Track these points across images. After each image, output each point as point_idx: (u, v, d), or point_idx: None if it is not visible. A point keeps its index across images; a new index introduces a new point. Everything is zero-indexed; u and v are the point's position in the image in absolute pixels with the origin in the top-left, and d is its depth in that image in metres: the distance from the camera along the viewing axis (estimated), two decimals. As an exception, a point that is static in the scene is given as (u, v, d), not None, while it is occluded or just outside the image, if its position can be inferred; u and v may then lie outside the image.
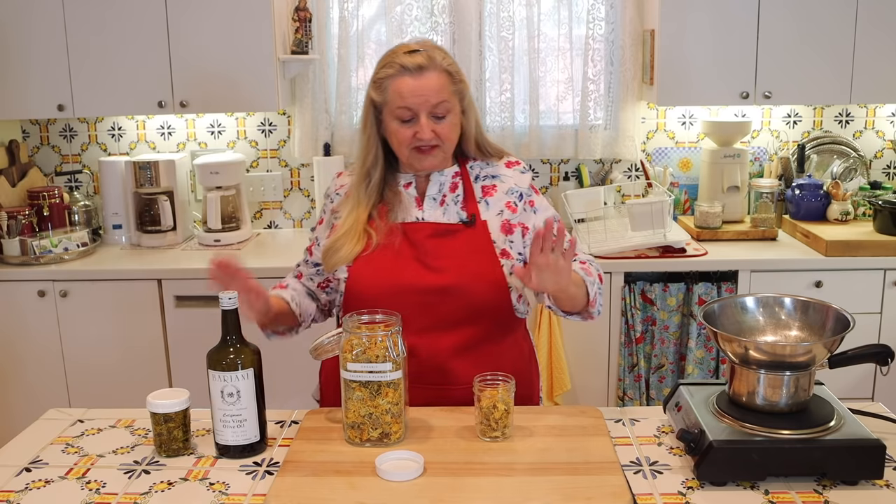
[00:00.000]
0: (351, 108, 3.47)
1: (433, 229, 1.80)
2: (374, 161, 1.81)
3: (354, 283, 1.79)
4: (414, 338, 1.74)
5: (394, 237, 1.78)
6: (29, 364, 3.09)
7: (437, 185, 1.84)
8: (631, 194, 3.31)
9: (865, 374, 3.01)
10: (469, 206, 1.82)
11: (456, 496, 1.38)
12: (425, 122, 1.73)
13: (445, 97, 1.74)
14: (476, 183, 1.85)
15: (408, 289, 1.75)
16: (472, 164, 1.87)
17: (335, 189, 1.91)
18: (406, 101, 1.72)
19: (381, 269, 1.77)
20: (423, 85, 1.72)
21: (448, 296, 1.74)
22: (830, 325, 1.55)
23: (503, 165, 1.88)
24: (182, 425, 1.58)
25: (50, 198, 3.31)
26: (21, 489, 1.48)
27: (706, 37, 3.12)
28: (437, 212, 1.82)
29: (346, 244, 1.78)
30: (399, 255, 1.78)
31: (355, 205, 1.82)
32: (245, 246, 3.34)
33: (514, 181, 1.86)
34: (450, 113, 1.76)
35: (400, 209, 1.81)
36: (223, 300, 1.54)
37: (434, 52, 1.75)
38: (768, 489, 1.42)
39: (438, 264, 1.76)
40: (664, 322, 3.09)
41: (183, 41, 3.13)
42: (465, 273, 1.75)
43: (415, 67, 1.72)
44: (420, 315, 1.75)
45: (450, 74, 1.75)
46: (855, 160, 3.48)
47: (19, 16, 3.12)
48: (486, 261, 1.77)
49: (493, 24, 3.39)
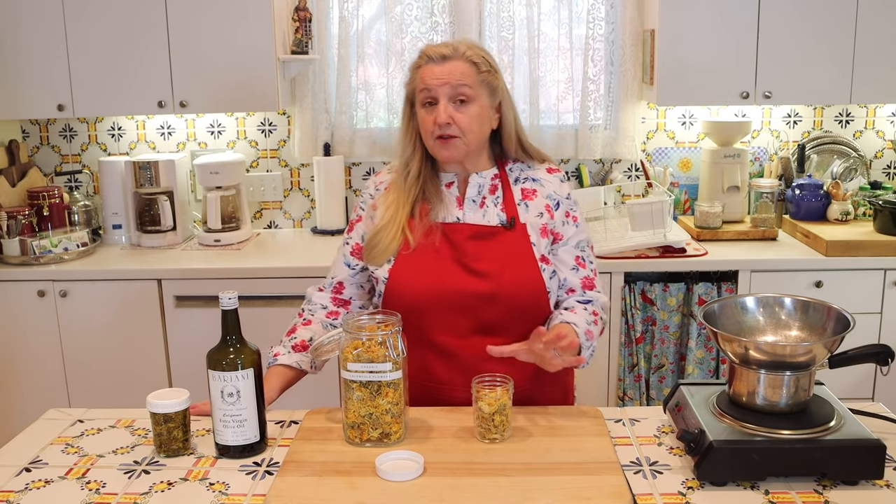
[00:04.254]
0: (351, 108, 3.48)
1: (473, 231, 1.79)
2: (412, 153, 1.82)
3: (395, 284, 1.78)
4: (455, 340, 1.75)
5: (433, 237, 1.78)
6: (29, 364, 3.09)
7: (476, 187, 1.83)
8: (631, 194, 3.31)
9: (865, 374, 3.01)
10: (508, 208, 1.81)
11: (456, 496, 1.38)
12: (443, 106, 1.74)
13: (467, 83, 1.74)
14: (515, 185, 1.85)
15: (450, 293, 1.75)
16: (510, 167, 1.87)
17: (375, 185, 1.90)
18: (427, 83, 1.74)
19: (423, 271, 1.76)
20: (444, 70, 1.74)
21: (490, 301, 1.75)
22: (830, 325, 1.55)
23: (543, 170, 1.88)
24: (182, 425, 1.58)
25: (50, 198, 3.31)
26: (21, 489, 1.48)
27: (706, 37, 3.12)
28: (477, 213, 1.81)
29: (384, 238, 1.78)
30: (439, 256, 1.77)
31: (395, 198, 1.82)
32: (245, 246, 3.33)
33: (554, 188, 1.86)
34: (472, 102, 1.75)
35: (441, 207, 1.81)
36: (223, 300, 1.54)
37: (461, 45, 1.77)
38: (768, 489, 1.42)
39: (479, 267, 1.76)
40: (664, 322, 3.09)
41: (183, 41, 3.13)
42: (506, 278, 1.75)
43: (439, 57, 1.75)
44: (461, 318, 1.76)
45: (475, 64, 1.75)
46: (855, 160, 3.48)
47: (19, 16, 3.12)
48: (526, 265, 1.77)
49: (493, 23, 3.39)
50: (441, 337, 1.77)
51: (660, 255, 3.01)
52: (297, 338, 1.83)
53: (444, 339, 1.77)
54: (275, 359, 1.81)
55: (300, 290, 2.95)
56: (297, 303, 2.89)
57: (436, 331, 1.77)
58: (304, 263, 3.07)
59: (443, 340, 1.77)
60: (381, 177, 1.92)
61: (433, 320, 1.76)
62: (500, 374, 1.60)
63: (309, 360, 1.82)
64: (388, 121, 3.51)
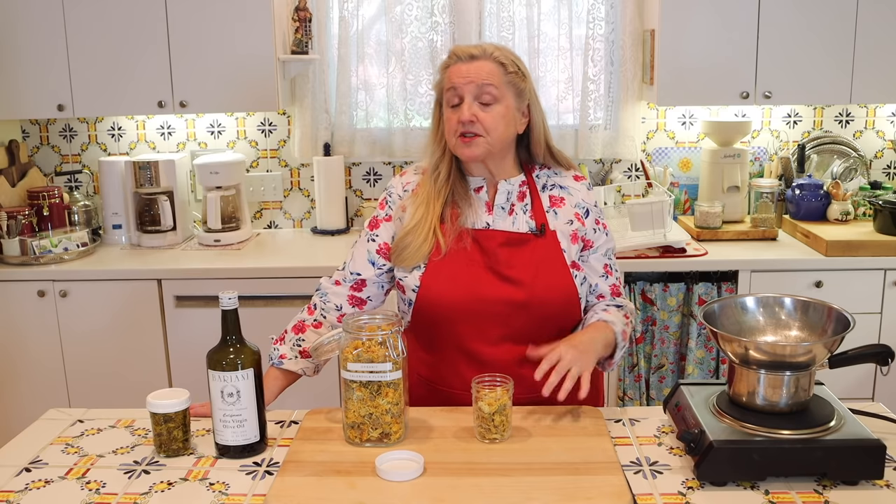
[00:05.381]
0: (351, 108, 3.48)
1: (505, 238, 1.78)
2: (441, 155, 1.81)
3: (428, 292, 1.76)
4: (489, 348, 1.75)
5: (463, 242, 1.77)
6: (29, 364, 3.09)
7: (504, 194, 1.82)
8: (631, 194, 3.31)
9: (865, 374, 3.01)
10: (538, 215, 1.81)
11: (456, 496, 1.38)
12: (468, 104, 1.73)
13: (493, 83, 1.73)
14: (543, 192, 1.84)
15: (484, 301, 1.74)
16: (538, 174, 1.86)
17: (402, 186, 1.88)
18: (453, 82, 1.74)
19: (456, 278, 1.75)
20: (470, 68, 1.73)
21: (523, 308, 1.74)
22: (830, 325, 1.55)
23: (571, 178, 1.87)
24: (182, 425, 1.58)
25: (50, 198, 3.31)
26: (21, 489, 1.48)
27: (706, 37, 3.12)
28: (507, 221, 1.80)
29: (416, 239, 1.77)
30: (471, 262, 1.76)
31: (424, 199, 1.80)
32: (245, 246, 3.33)
33: (582, 196, 1.85)
34: (497, 102, 1.74)
35: (470, 212, 1.80)
36: (223, 300, 1.54)
37: (490, 46, 1.77)
38: (768, 489, 1.42)
39: (511, 274, 1.75)
40: (664, 322, 3.09)
41: (183, 41, 3.13)
42: (539, 285, 1.74)
43: (467, 56, 1.75)
44: (494, 326, 1.75)
45: (502, 65, 1.75)
46: (855, 160, 3.48)
47: (19, 15, 3.12)
48: (557, 272, 1.77)
49: (493, 23, 3.39)
50: (474, 344, 1.76)
51: (660, 255, 3.01)
52: (306, 342, 1.82)
53: (477, 347, 1.76)
54: (280, 361, 1.80)
55: (300, 290, 2.98)
56: (297, 303, 2.90)
57: (468, 338, 1.76)
58: (304, 263, 3.07)
59: (475, 348, 1.76)
60: (407, 177, 1.89)
61: (466, 328, 1.76)
62: (500, 375, 1.60)
63: (313, 366, 1.83)
64: (387, 121, 3.51)
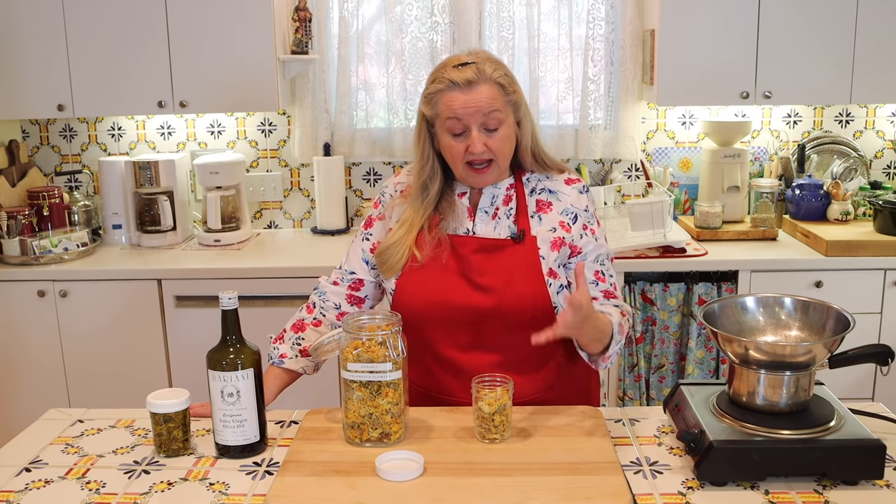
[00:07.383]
0: (351, 107, 3.48)
1: (479, 244, 1.77)
2: (431, 174, 1.79)
3: (401, 296, 1.78)
4: (459, 354, 1.75)
5: (441, 250, 1.77)
6: (29, 364, 3.09)
7: (489, 198, 1.80)
8: (631, 194, 3.31)
9: (865, 374, 3.01)
10: (520, 220, 1.79)
11: (456, 496, 1.38)
12: (477, 136, 1.69)
13: (497, 107, 1.69)
14: (531, 196, 1.82)
15: (452, 307, 1.74)
16: (528, 177, 1.83)
17: (394, 186, 1.89)
18: (456, 112, 1.69)
19: (428, 284, 1.76)
20: (472, 98, 1.68)
21: (492, 316, 1.73)
22: (830, 325, 1.55)
23: (562, 181, 1.83)
24: (182, 425, 1.58)
25: (50, 198, 3.31)
26: (21, 489, 1.48)
27: (706, 37, 3.12)
28: (489, 225, 1.79)
29: (393, 255, 1.78)
30: (445, 269, 1.76)
31: (409, 216, 1.80)
32: (245, 246, 3.33)
33: (572, 201, 1.81)
34: (502, 125, 1.71)
35: (452, 218, 1.79)
36: (223, 300, 1.54)
37: (485, 64, 1.70)
38: (768, 489, 1.42)
39: (483, 281, 1.74)
40: (664, 322, 3.09)
41: (183, 41, 3.13)
42: (510, 293, 1.72)
43: (464, 82, 1.68)
44: (465, 332, 1.75)
45: (501, 86, 1.70)
46: (855, 160, 3.48)
47: (19, 15, 3.12)
48: (531, 279, 1.74)
49: (493, 23, 3.39)
50: (445, 350, 1.77)
51: (660, 255, 3.01)
52: (306, 340, 1.82)
53: (448, 353, 1.77)
54: (281, 360, 1.80)
55: (300, 290, 2.98)
56: (297, 303, 2.90)
57: (440, 344, 1.77)
58: (304, 263, 3.07)
59: (447, 353, 1.77)
60: (399, 177, 1.90)
61: (437, 334, 1.76)
62: (500, 375, 1.60)
63: (313, 365, 1.83)
64: (387, 121, 3.51)
